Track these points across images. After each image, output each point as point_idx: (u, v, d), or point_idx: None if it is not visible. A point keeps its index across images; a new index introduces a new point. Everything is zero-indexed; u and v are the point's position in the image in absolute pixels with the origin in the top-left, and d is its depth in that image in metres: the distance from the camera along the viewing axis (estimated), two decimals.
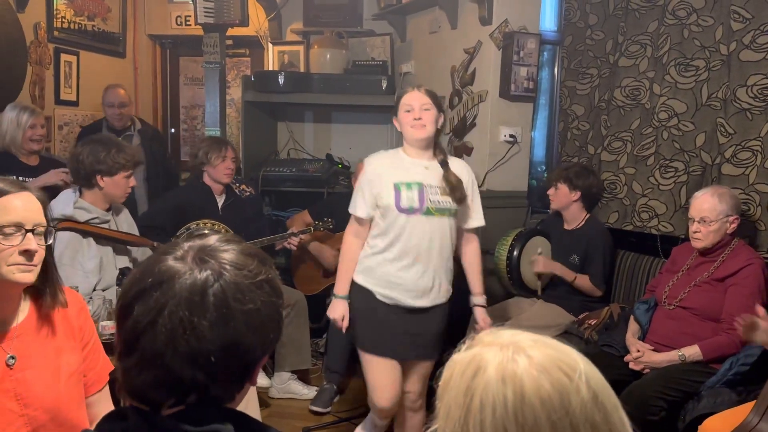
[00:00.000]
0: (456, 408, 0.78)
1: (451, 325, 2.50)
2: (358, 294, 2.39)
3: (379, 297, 2.35)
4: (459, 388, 0.79)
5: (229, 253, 0.91)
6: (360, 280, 2.40)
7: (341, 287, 2.43)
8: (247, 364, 0.91)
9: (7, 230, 1.36)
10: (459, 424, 0.77)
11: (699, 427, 2.07)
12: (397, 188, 2.30)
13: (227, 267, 0.89)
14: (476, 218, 2.47)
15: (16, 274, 1.38)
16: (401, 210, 2.29)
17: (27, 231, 1.38)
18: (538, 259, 3.19)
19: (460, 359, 0.82)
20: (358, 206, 2.38)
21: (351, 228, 2.43)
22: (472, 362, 0.80)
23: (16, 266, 1.37)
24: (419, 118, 2.29)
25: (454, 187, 2.32)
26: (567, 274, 3.16)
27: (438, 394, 0.83)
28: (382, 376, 2.36)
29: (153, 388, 0.87)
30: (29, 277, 1.40)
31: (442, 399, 0.81)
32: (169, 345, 0.85)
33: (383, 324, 2.34)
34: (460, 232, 2.47)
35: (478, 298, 2.51)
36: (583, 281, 3.15)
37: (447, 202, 2.33)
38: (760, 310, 2.14)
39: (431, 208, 2.30)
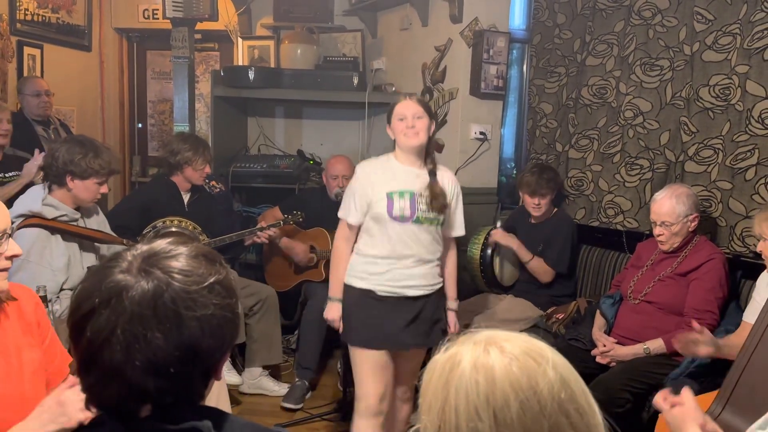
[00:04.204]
0: (436, 401, 0.83)
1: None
2: (351, 292, 2.43)
3: (373, 289, 2.39)
4: (438, 383, 0.84)
5: (176, 260, 0.90)
6: (352, 281, 2.43)
7: (335, 290, 2.48)
8: (207, 368, 0.91)
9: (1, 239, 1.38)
10: (438, 415, 0.82)
11: (659, 415, 2.13)
12: (389, 197, 2.36)
13: (175, 275, 0.88)
14: (457, 228, 2.55)
15: (2, 281, 1.40)
16: (393, 218, 2.36)
17: (8, 236, 1.40)
18: (496, 232, 3.28)
19: (440, 359, 0.86)
20: (351, 213, 2.43)
21: (341, 233, 2.49)
22: (449, 360, 0.85)
23: (2, 272, 1.39)
24: (412, 126, 2.35)
25: (435, 196, 2.39)
26: (523, 253, 3.23)
27: (420, 393, 0.87)
28: (373, 371, 2.38)
29: (121, 401, 0.87)
30: (6, 283, 1.43)
31: (425, 396, 0.85)
32: (127, 361, 0.84)
33: (379, 316, 2.38)
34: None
35: (452, 303, 2.61)
36: (537, 263, 3.23)
37: (433, 212, 2.40)
38: (696, 324, 2.19)
39: (421, 217, 2.38)
